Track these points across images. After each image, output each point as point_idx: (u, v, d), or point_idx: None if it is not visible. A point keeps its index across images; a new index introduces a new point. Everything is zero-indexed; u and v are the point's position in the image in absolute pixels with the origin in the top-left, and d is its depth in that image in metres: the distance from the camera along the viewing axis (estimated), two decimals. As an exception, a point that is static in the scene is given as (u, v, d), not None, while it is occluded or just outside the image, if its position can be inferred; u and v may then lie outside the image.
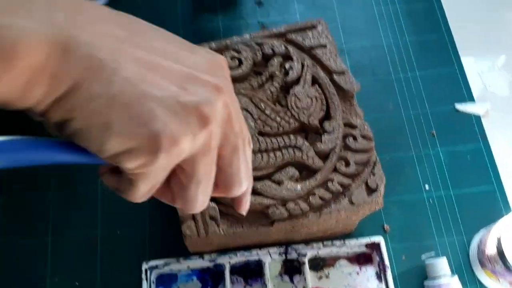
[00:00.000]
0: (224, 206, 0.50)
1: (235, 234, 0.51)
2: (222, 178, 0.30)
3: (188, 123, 0.25)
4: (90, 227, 0.60)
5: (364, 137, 0.53)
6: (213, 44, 0.56)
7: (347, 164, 0.51)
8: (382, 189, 0.51)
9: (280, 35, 0.58)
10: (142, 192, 0.27)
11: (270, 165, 0.51)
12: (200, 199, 0.29)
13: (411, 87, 0.69)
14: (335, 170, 0.51)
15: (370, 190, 0.51)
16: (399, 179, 0.63)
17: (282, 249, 0.56)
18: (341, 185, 0.51)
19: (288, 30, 0.58)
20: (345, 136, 0.53)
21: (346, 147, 0.52)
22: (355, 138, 0.53)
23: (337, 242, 0.57)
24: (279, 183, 0.51)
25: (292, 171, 0.51)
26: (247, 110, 0.53)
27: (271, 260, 0.57)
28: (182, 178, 0.28)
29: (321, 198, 0.50)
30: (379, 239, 0.57)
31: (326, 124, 0.53)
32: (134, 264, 0.56)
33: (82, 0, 0.25)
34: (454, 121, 0.67)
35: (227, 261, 0.56)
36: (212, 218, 0.49)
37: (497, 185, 0.63)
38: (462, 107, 0.67)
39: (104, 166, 0.29)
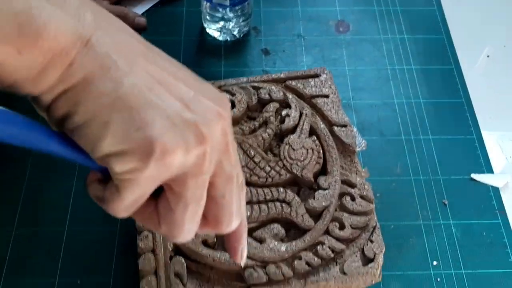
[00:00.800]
0: (194, 262, 0.44)
1: (205, 297, 0.44)
2: (213, 209, 0.29)
3: (184, 137, 0.25)
4: (49, 273, 0.53)
5: (363, 197, 0.46)
6: (206, 84, 0.52)
7: (342, 226, 0.45)
8: (380, 259, 0.44)
9: (280, 81, 0.53)
10: (126, 202, 0.26)
11: (252, 219, 0.45)
12: (186, 225, 0.28)
13: (423, 151, 0.62)
14: (327, 232, 0.45)
15: (366, 260, 0.44)
16: (402, 250, 0.56)
17: (261, 321, 0.48)
18: (333, 250, 0.44)
19: (289, 76, 0.53)
20: (342, 195, 0.47)
21: (342, 208, 0.46)
22: (353, 198, 0.46)
23: (326, 318, 0.49)
24: (261, 241, 0.44)
25: (277, 228, 0.45)
26: (234, 156, 0.47)
27: (247, 333, 0.49)
28: (170, 200, 0.27)
29: (308, 263, 0.43)
30: (375, 319, 0.49)
31: (321, 179, 0.47)
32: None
33: (110, 12, 0.27)
34: (469, 191, 0.60)
35: (197, 329, 0.48)
36: (177, 275, 0.42)
37: (517, 268, 0.55)
38: (479, 177, 0.61)
39: (93, 175, 0.28)
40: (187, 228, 0.28)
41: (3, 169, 0.60)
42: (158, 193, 0.28)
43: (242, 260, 0.34)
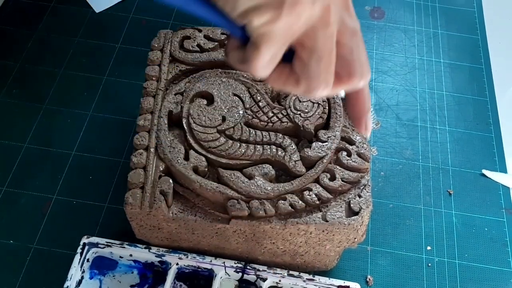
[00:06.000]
0: (182, 187, 0.44)
1: (186, 223, 0.44)
2: (345, 66, 0.31)
3: None
4: (48, 190, 0.55)
5: (360, 155, 0.46)
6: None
7: (333, 178, 0.44)
8: (365, 216, 0.43)
9: (300, 38, 0.53)
10: (265, 58, 0.29)
11: (246, 157, 0.45)
12: (322, 77, 0.30)
13: (437, 139, 0.61)
14: (317, 181, 0.44)
15: (351, 212, 0.43)
16: (397, 230, 0.54)
17: (240, 265, 0.48)
18: (319, 198, 0.43)
19: (310, 35, 0.54)
20: (339, 150, 0.46)
21: (337, 161, 0.46)
22: (349, 154, 0.46)
23: (305, 276, 0.48)
24: (250, 177, 0.44)
25: (268, 168, 0.45)
26: (239, 97, 0.48)
27: (224, 274, 0.49)
28: (304, 56, 0.30)
29: (291, 205, 0.43)
30: (355, 285, 0.48)
31: (321, 132, 0.47)
32: (78, 238, 0.50)
33: None
34: (478, 186, 0.58)
35: (175, 261, 0.48)
36: (162, 193, 0.43)
37: (514, 267, 0.52)
38: (491, 174, 0.59)
39: (231, 43, 0.31)
40: (324, 79, 0.30)
41: (28, 86, 0.63)
42: (291, 60, 0.31)
43: (367, 131, 0.37)
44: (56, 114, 0.60)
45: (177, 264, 0.48)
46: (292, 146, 0.46)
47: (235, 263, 0.48)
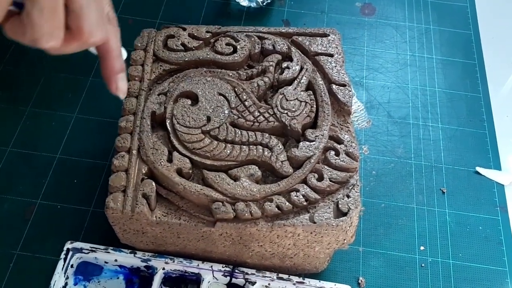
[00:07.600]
0: (165, 190, 0.43)
1: (170, 227, 0.43)
2: (75, 21, 0.31)
3: None
4: (32, 193, 0.54)
5: (348, 154, 0.44)
6: (212, 28, 0.52)
7: (320, 178, 0.43)
8: (354, 217, 0.42)
9: (287, 35, 0.52)
10: None
11: (231, 158, 0.44)
12: (46, 28, 0.30)
13: (430, 137, 0.60)
14: (305, 181, 0.43)
15: (340, 213, 0.42)
16: (389, 230, 0.53)
17: (228, 269, 0.47)
18: (307, 199, 0.42)
19: (297, 32, 0.52)
20: (327, 149, 0.45)
21: (325, 161, 0.44)
22: (337, 154, 0.44)
23: (295, 278, 0.47)
24: (235, 179, 0.43)
25: (254, 169, 0.43)
26: (225, 97, 0.47)
27: (212, 279, 0.47)
28: (28, 6, 0.30)
29: (278, 207, 0.42)
30: (346, 288, 0.46)
31: (309, 132, 0.45)
32: (63, 243, 0.48)
33: None
34: (472, 184, 0.57)
35: (162, 265, 0.47)
36: (145, 196, 0.41)
37: (510, 267, 0.51)
38: (485, 171, 0.57)
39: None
40: (47, 30, 0.30)
41: (12, 89, 0.61)
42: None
43: (120, 92, 0.37)
44: (40, 117, 0.59)
45: (163, 268, 0.47)
46: (279, 146, 0.45)
47: (223, 267, 0.47)
